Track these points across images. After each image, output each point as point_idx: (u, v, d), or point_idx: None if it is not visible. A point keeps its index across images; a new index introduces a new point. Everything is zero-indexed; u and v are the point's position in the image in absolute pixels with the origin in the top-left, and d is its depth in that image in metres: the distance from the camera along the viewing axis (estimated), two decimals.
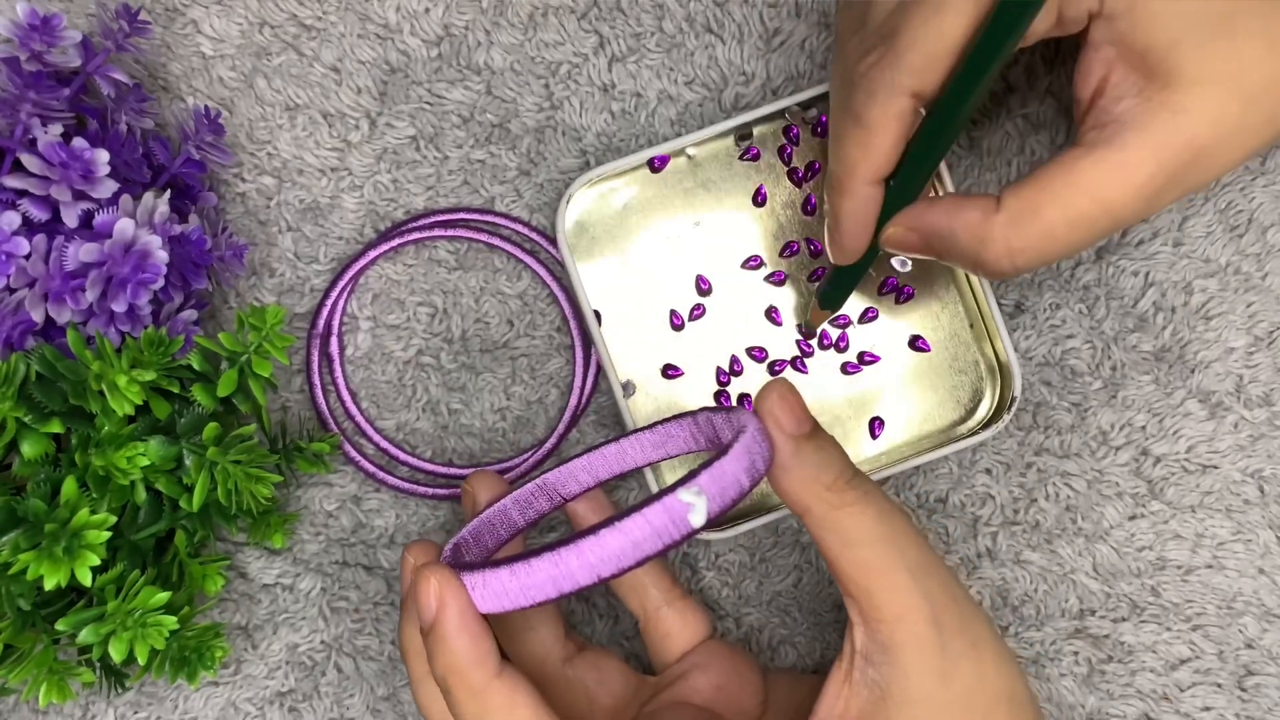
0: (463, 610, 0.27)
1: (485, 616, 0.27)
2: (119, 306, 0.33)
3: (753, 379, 0.39)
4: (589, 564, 0.25)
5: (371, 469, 0.40)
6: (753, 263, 0.39)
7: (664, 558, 0.39)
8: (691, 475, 0.26)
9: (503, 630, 0.36)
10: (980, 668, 0.30)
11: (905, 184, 0.32)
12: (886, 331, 0.39)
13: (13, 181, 0.32)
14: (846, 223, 0.33)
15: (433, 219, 0.39)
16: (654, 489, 0.38)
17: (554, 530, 0.40)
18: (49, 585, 0.29)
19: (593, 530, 0.25)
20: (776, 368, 0.39)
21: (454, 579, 0.27)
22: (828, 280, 0.37)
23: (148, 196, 0.34)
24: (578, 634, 0.38)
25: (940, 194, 0.38)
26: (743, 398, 0.39)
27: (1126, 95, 0.29)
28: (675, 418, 0.34)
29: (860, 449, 0.39)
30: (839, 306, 0.38)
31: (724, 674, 0.35)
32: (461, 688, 0.27)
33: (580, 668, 0.35)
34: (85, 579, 0.30)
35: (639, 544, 0.25)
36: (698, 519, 0.26)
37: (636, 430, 0.35)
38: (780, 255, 0.39)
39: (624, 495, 0.40)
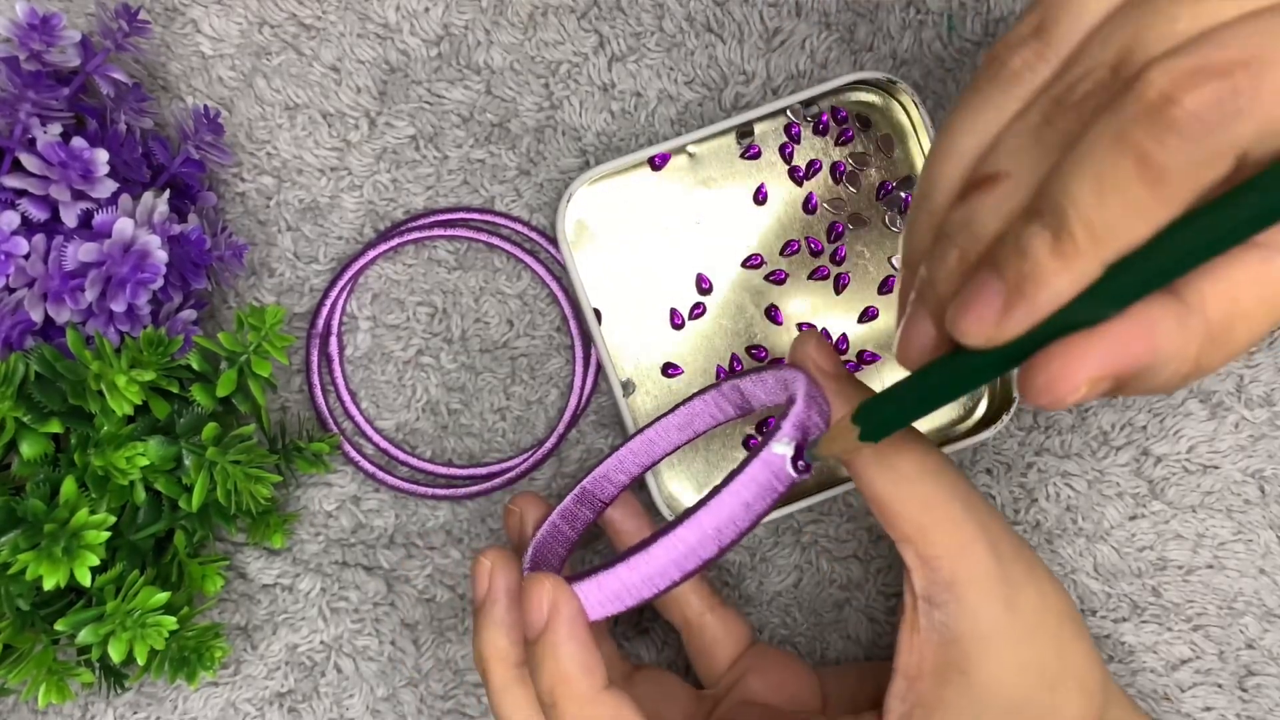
0: (574, 617, 0.26)
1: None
2: (118, 306, 0.32)
3: None
4: (708, 534, 0.25)
5: (371, 469, 0.39)
6: (753, 261, 0.39)
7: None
8: (776, 429, 0.26)
9: None
10: (1041, 589, 0.29)
11: (1128, 288, 0.20)
12: (886, 331, 0.39)
13: (12, 181, 0.32)
14: (1043, 302, 0.21)
15: (432, 219, 0.39)
16: (652, 486, 0.38)
17: (599, 539, 0.40)
18: (48, 585, 0.29)
19: (702, 503, 0.25)
20: (780, 364, 0.39)
21: (565, 586, 0.27)
22: (887, 394, 0.25)
23: (147, 196, 0.34)
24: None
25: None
26: (775, 362, 0.39)
27: None
28: (695, 395, 0.34)
29: None
30: (881, 438, 0.25)
31: (780, 672, 0.35)
32: (570, 698, 0.27)
33: (643, 686, 0.35)
34: (84, 579, 0.30)
35: (750, 504, 0.26)
36: (798, 466, 0.26)
37: (659, 418, 0.34)
38: (781, 254, 0.39)
39: (645, 496, 0.40)
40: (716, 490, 0.26)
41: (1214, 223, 0.19)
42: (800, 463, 0.26)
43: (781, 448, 0.26)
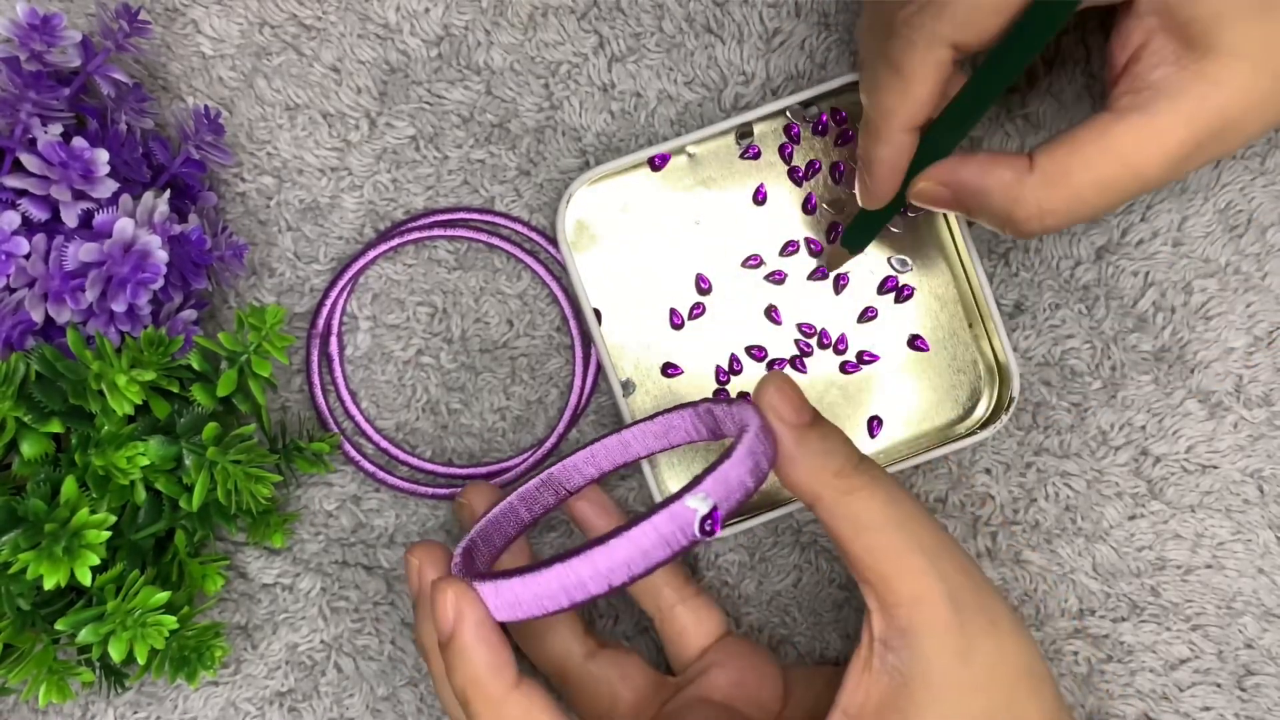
0: (479, 621, 0.27)
1: (503, 623, 0.27)
2: (119, 306, 0.32)
3: (752, 377, 0.39)
4: (600, 572, 0.26)
5: (371, 469, 0.39)
6: (753, 261, 0.39)
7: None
8: (696, 481, 0.26)
9: (523, 630, 0.36)
10: (1000, 644, 0.29)
11: (941, 137, 0.32)
12: (885, 331, 0.39)
13: (12, 181, 0.32)
14: (879, 168, 0.33)
15: (432, 219, 0.39)
16: (651, 484, 0.38)
17: (553, 530, 0.40)
18: (49, 585, 0.29)
19: (602, 540, 0.26)
20: (776, 367, 0.39)
21: (469, 591, 0.27)
22: (853, 222, 0.37)
23: (147, 196, 0.34)
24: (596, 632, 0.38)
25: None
26: (742, 395, 0.39)
27: (1163, 63, 0.30)
28: (677, 408, 0.34)
29: (860, 448, 0.39)
30: (862, 248, 0.37)
31: (743, 670, 0.35)
32: (479, 699, 0.27)
33: (602, 664, 0.36)
34: (85, 579, 0.30)
35: (648, 552, 0.26)
36: (705, 525, 0.26)
37: (638, 421, 0.35)
38: (780, 254, 0.39)
39: (624, 494, 0.40)
40: (621, 529, 0.26)
41: (965, 93, 0.31)
42: (708, 524, 0.26)
43: (695, 502, 0.26)
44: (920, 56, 0.30)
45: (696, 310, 0.39)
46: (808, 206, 0.39)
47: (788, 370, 0.39)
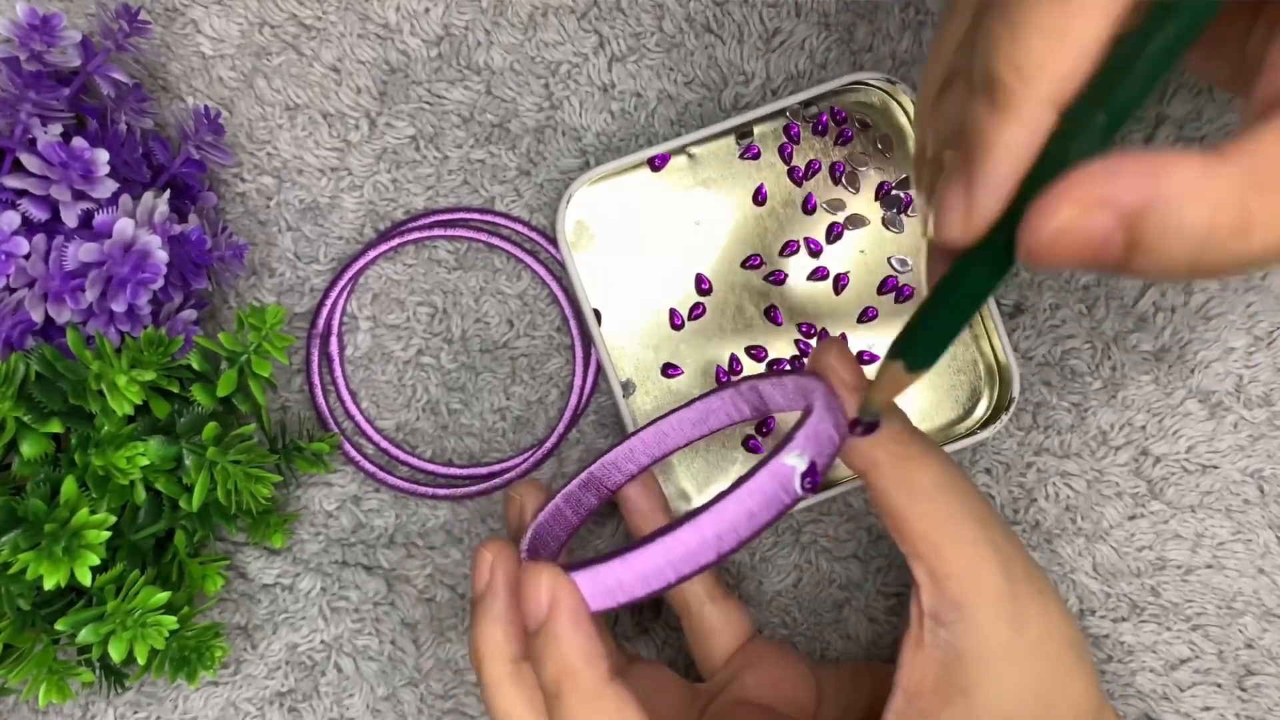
0: (576, 608, 0.26)
1: None
2: (118, 306, 0.32)
3: None
4: (708, 540, 0.25)
5: (371, 469, 0.39)
6: (753, 262, 0.39)
7: None
8: (787, 440, 0.26)
9: None
10: (1048, 613, 0.29)
11: (1106, 115, 0.19)
12: (886, 331, 0.39)
13: (12, 181, 0.32)
14: (998, 163, 0.20)
15: (432, 219, 0.39)
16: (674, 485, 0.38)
17: (603, 525, 0.40)
18: (48, 585, 0.29)
19: (706, 507, 0.25)
20: (776, 367, 0.39)
21: (565, 576, 0.26)
22: (915, 322, 0.25)
23: (147, 196, 0.34)
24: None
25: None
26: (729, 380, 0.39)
27: None
28: (714, 391, 0.33)
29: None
30: (931, 363, 0.25)
31: (776, 670, 0.35)
32: (575, 689, 0.26)
33: (636, 678, 0.35)
34: (85, 579, 0.30)
35: (754, 513, 0.25)
36: (804, 482, 0.26)
37: (674, 410, 0.34)
38: (780, 254, 0.39)
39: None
40: (722, 495, 0.25)
41: (1149, 39, 0.18)
42: (808, 479, 0.26)
43: (792, 459, 0.26)
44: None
45: (696, 310, 0.39)
46: (808, 207, 0.39)
47: (786, 369, 0.39)
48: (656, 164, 0.38)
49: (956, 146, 0.22)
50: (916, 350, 0.25)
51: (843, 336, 0.39)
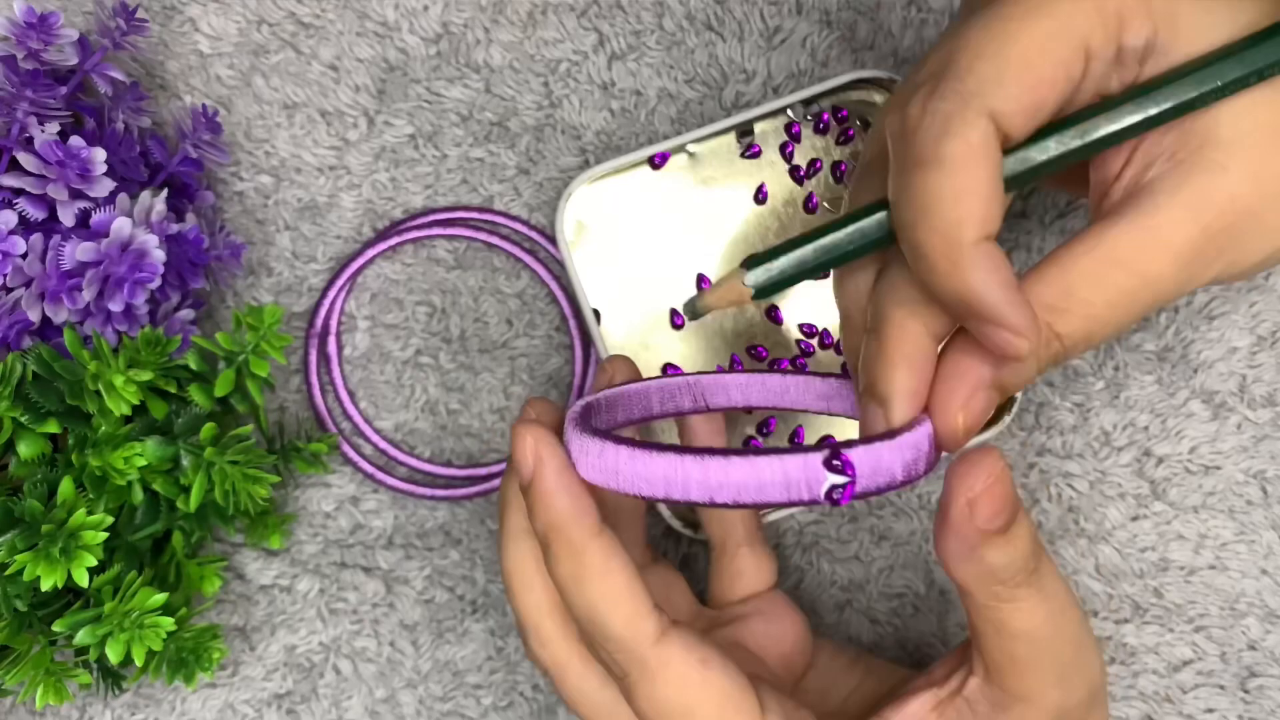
0: (560, 469, 0.27)
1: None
2: (116, 306, 0.32)
3: None
4: (707, 483, 0.24)
5: (370, 469, 0.39)
6: None
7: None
8: (846, 445, 0.24)
9: None
10: None
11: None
12: None
13: (9, 180, 0.32)
14: (994, 301, 0.24)
15: (431, 218, 0.39)
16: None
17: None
18: (46, 586, 0.29)
19: (723, 452, 0.24)
20: (776, 367, 0.39)
21: (550, 437, 0.27)
22: (781, 244, 0.28)
23: (145, 195, 0.34)
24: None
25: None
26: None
27: (1157, 160, 0.26)
28: (844, 375, 0.33)
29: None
30: (767, 291, 0.28)
31: (783, 628, 0.35)
32: (560, 542, 0.27)
33: (652, 579, 0.35)
34: (82, 580, 0.30)
35: (763, 487, 0.24)
36: (833, 492, 0.24)
37: (808, 373, 0.33)
38: None
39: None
40: (754, 451, 0.24)
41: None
42: (837, 493, 0.24)
43: (832, 468, 0.24)
44: (958, 137, 0.24)
45: None
46: (809, 206, 0.39)
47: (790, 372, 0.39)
48: (657, 162, 0.38)
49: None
50: (764, 271, 0.28)
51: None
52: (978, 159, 0.24)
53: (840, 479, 0.24)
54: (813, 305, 0.39)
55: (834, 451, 0.24)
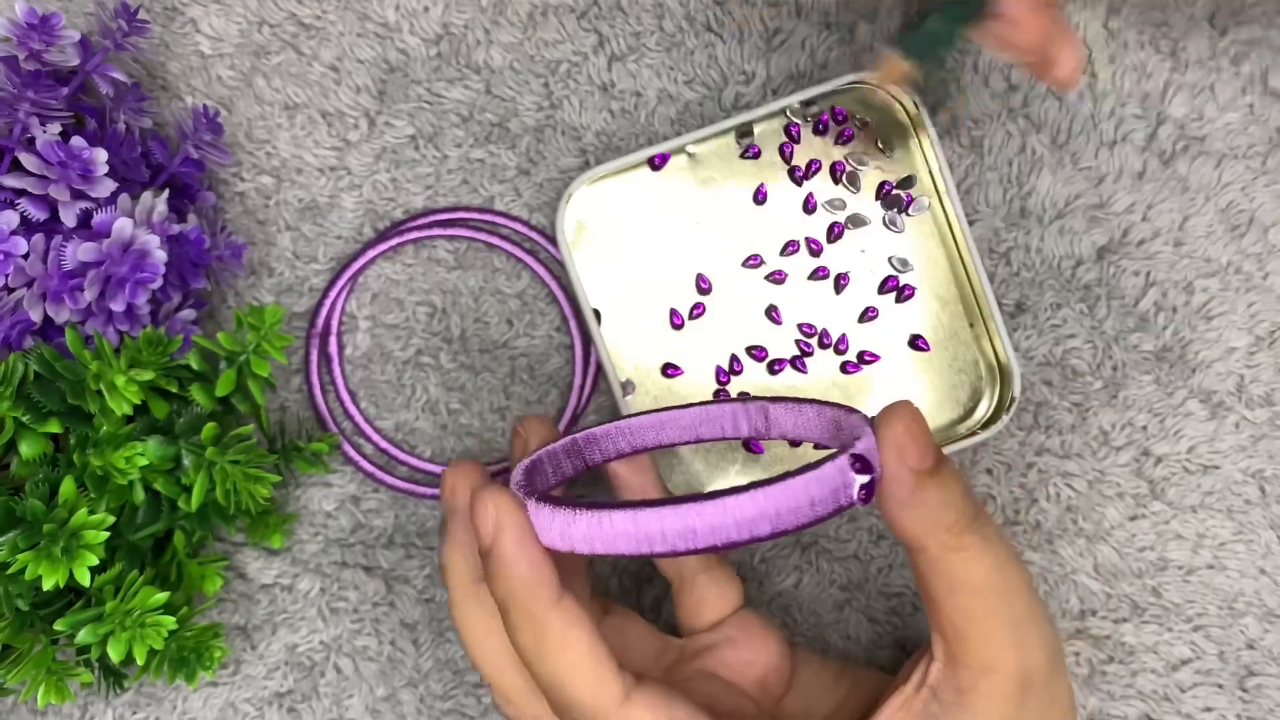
0: (520, 535, 0.27)
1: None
2: (117, 306, 0.32)
3: (752, 378, 0.39)
4: (672, 532, 0.25)
5: (370, 469, 0.39)
6: (753, 261, 0.39)
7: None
8: (796, 472, 0.25)
9: None
10: None
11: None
12: (886, 331, 0.39)
13: (11, 181, 0.32)
14: None
15: (432, 218, 0.39)
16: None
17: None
18: (47, 585, 0.29)
19: (690, 499, 0.25)
20: (776, 367, 0.39)
21: (512, 502, 0.27)
22: (921, 15, 0.31)
23: (146, 196, 0.34)
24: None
25: (948, 211, 0.38)
26: (743, 395, 0.39)
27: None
28: (719, 401, 0.33)
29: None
30: (930, 59, 0.32)
31: (755, 651, 0.35)
32: (519, 612, 0.27)
33: (606, 629, 0.35)
34: (83, 579, 0.30)
35: (798, 509, 0.25)
36: (860, 492, 0.26)
37: (675, 407, 0.34)
38: (781, 254, 0.39)
39: None
40: (780, 478, 0.25)
41: None
42: (864, 491, 0.26)
43: (853, 469, 0.25)
44: None
45: (696, 310, 0.39)
46: (808, 206, 0.39)
47: (788, 371, 0.39)
48: (657, 163, 0.38)
49: None
50: (922, 41, 0.32)
51: (844, 340, 0.39)
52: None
53: (864, 476, 0.26)
54: (812, 305, 0.39)
55: (852, 457, 0.26)
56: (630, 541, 0.25)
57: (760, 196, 0.39)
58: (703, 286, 0.39)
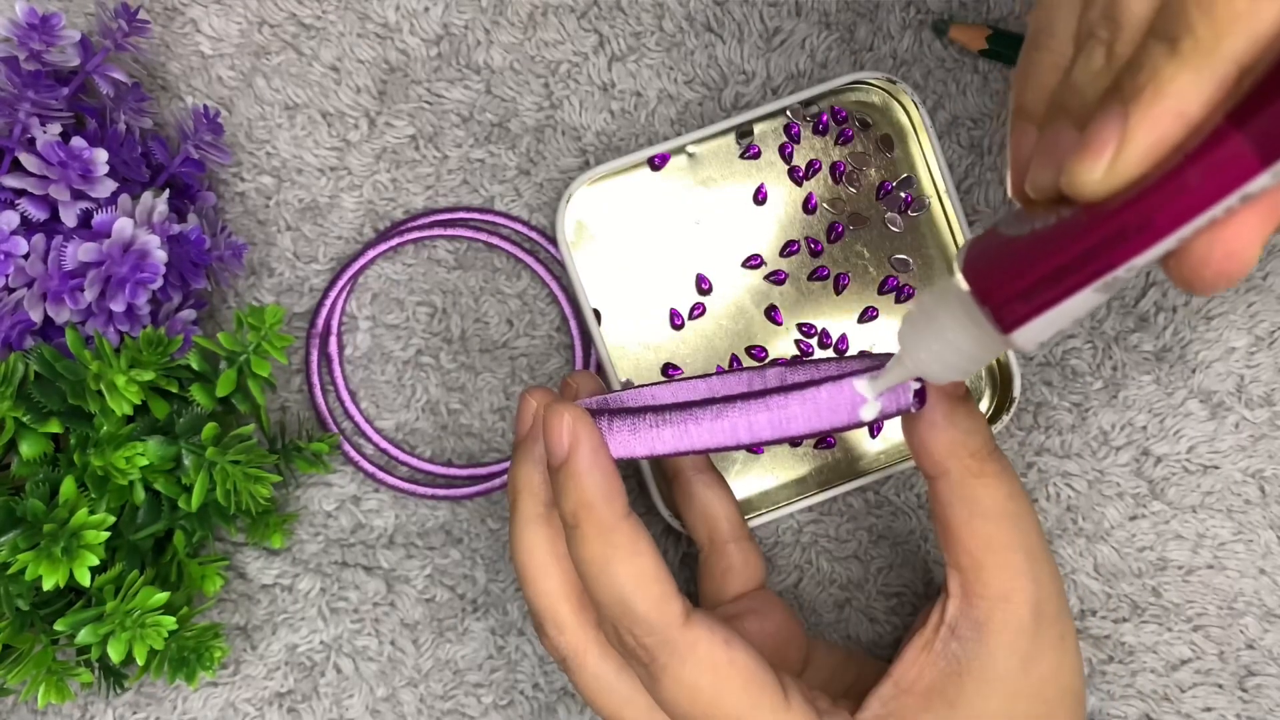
0: (596, 448, 0.27)
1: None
2: (117, 306, 0.32)
3: None
4: (759, 423, 0.26)
5: (371, 469, 0.39)
6: (753, 261, 0.39)
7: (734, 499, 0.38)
8: (867, 369, 0.26)
9: None
10: (1062, 660, 0.30)
11: None
12: (886, 331, 0.39)
13: (11, 181, 0.32)
14: (1167, 110, 0.19)
15: (432, 218, 0.39)
16: (654, 493, 0.38)
17: None
18: (48, 585, 0.29)
19: (773, 391, 0.26)
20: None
21: (587, 416, 0.27)
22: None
23: (146, 196, 0.34)
24: None
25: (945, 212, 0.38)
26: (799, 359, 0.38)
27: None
28: (731, 371, 0.33)
29: (860, 448, 0.39)
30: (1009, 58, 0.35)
31: (777, 624, 0.35)
32: (591, 522, 0.27)
33: None
34: (84, 579, 0.30)
35: (809, 417, 0.26)
36: (868, 413, 0.26)
37: (687, 377, 0.33)
38: (781, 254, 0.39)
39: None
40: (790, 388, 0.26)
41: None
42: (882, 413, 0.26)
43: (863, 387, 0.26)
44: None
45: (696, 310, 0.39)
46: (808, 206, 0.39)
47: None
48: (657, 163, 0.38)
49: (1115, 32, 0.21)
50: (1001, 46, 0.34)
51: (844, 339, 0.39)
52: None
53: (917, 383, 0.27)
54: (812, 305, 0.39)
55: (856, 374, 0.26)
56: (714, 434, 0.27)
57: (760, 196, 0.39)
58: (703, 286, 0.39)
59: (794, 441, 0.28)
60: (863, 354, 0.30)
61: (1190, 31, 0.19)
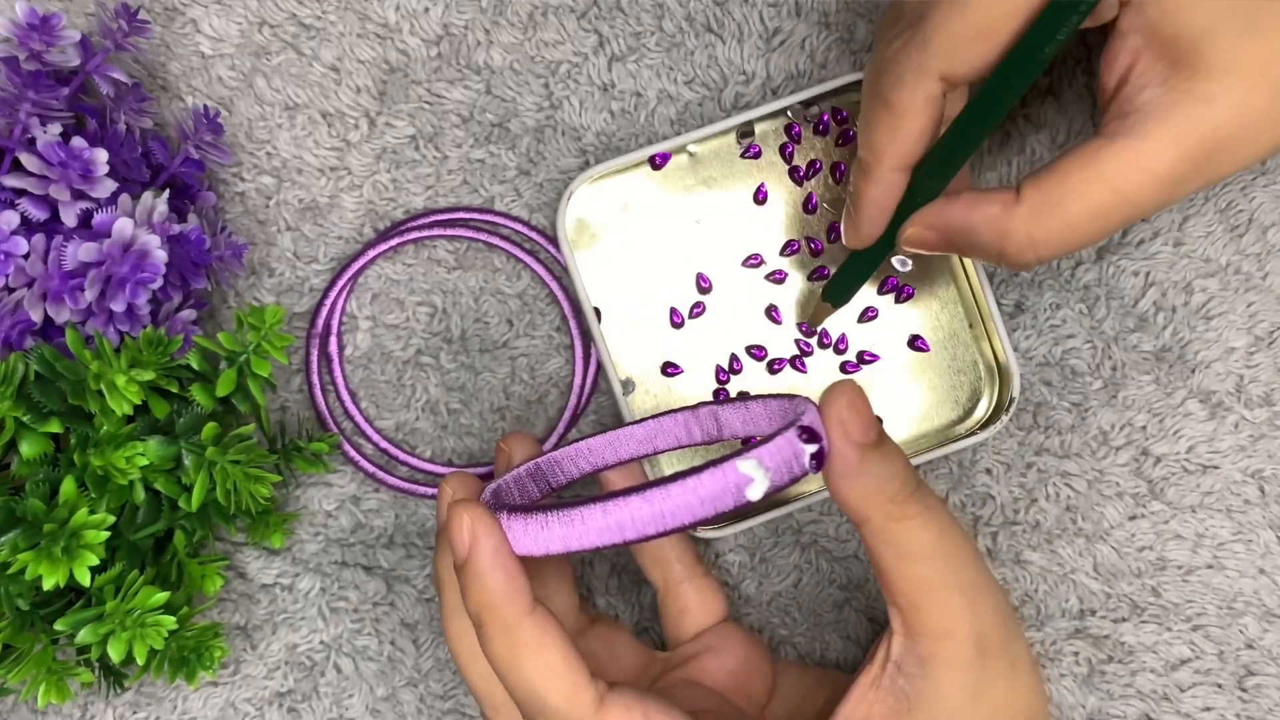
0: (496, 547, 0.27)
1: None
2: (118, 306, 0.32)
3: (752, 377, 0.39)
4: (642, 517, 0.25)
5: (371, 469, 0.39)
6: (753, 261, 0.39)
7: (690, 534, 0.38)
8: (750, 447, 0.26)
9: None
10: (1013, 689, 0.30)
11: (929, 177, 0.32)
12: (886, 331, 0.39)
13: (12, 181, 0.32)
14: (867, 208, 0.33)
15: (432, 218, 0.39)
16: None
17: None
18: (48, 585, 0.29)
19: (654, 484, 0.25)
20: (776, 366, 0.39)
21: (487, 516, 0.27)
22: (836, 274, 0.37)
23: (146, 196, 0.34)
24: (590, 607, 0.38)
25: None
26: (742, 395, 0.39)
27: (1151, 84, 0.29)
28: (670, 412, 0.34)
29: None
30: (844, 302, 0.37)
31: (737, 659, 0.35)
32: (494, 622, 0.27)
33: (592, 641, 0.35)
34: (84, 579, 0.30)
35: (694, 506, 0.26)
36: (755, 492, 0.26)
37: (629, 424, 0.35)
38: (781, 253, 0.39)
39: None
40: (675, 477, 0.26)
41: (951, 132, 0.31)
42: (769, 489, 0.26)
43: (748, 469, 0.26)
44: (908, 91, 0.30)
45: (697, 310, 0.39)
46: (808, 206, 0.39)
47: (787, 370, 0.39)
48: (657, 163, 0.38)
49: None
50: (838, 294, 0.37)
51: (844, 339, 0.39)
52: (918, 110, 0.30)
53: (813, 445, 0.27)
54: (812, 305, 0.39)
55: (738, 454, 0.26)
56: (601, 533, 0.26)
57: (760, 196, 0.39)
58: (703, 286, 0.39)
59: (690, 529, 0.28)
60: (792, 396, 0.30)
61: (862, 159, 0.33)
